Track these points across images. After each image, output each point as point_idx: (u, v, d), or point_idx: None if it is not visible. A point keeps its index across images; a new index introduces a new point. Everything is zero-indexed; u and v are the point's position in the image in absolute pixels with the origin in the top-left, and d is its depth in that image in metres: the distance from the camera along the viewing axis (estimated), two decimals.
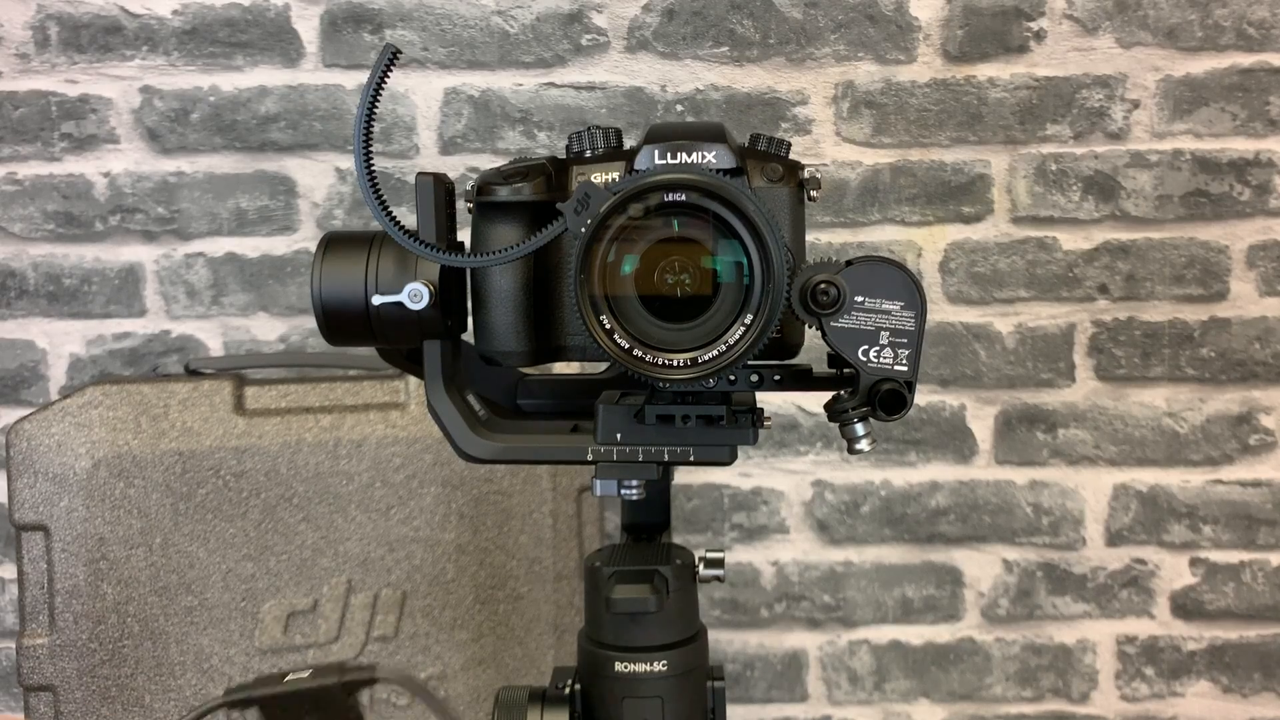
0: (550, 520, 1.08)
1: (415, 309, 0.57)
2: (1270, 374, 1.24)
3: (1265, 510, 1.26)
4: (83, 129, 1.24)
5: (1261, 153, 1.21)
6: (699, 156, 0.54)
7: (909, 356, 0.54)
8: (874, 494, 1.28)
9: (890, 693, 1.31)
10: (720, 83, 1.22)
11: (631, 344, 0.52)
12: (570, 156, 0.59)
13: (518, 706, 0.63)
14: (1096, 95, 1.21)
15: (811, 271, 0.53)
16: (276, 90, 1.23)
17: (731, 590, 1.29)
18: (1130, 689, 1.30)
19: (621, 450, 0.58)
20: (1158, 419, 1.26)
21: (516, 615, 1.08)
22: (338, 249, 0.59)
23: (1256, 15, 1.19)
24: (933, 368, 1.25)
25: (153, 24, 1.22)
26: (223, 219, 1.25)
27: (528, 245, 0.53)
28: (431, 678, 1.07)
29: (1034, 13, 1.20)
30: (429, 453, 1.06)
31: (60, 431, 1.01)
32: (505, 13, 1.21)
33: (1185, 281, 1.23)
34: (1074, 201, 1.23)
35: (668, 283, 0.52)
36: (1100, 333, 1.25)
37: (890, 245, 1.24)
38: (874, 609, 1.30)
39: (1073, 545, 1.28)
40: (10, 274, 1.25)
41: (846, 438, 0.56)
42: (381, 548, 1.06)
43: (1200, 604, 1.28)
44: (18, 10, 1.22)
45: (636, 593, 0.61)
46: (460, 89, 1.23)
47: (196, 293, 1.26)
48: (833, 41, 1.21)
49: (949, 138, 1.22)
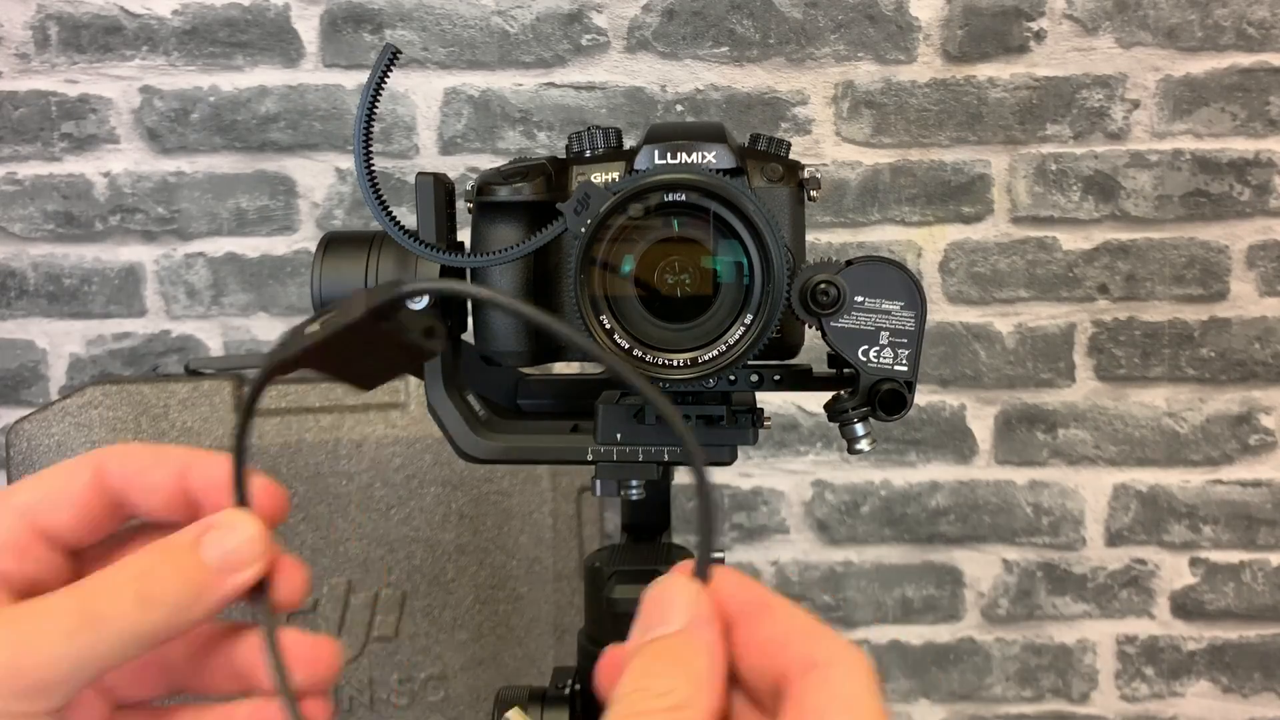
0: (550, 520, 1.08)
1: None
2: (1270, 374, 1.24)
3: (1265, 510, 1.26)
4: (83, 129, 1.23)
5: (1261, 153, 1.21)
6: (699, 156, 0.54)
7: (909, 356, 0.54)
8: (874, 494, 1.28)
9: (890, 693, 1.31)
10: (720, 83, 1.22)
11: (631, 344, 0.52)
12: (570, 156, 0.59)
13: (518, 706, 0.63)
14: (1096, 95, 1.21)
15: (811, 271, 0.53)
16: (276, 90, 1.23)
17: None
18: (1130, 689, 1.30)
19: (621, 450, 0.58)
20: (1158, 419, 1.26)
21: (516, 615, 1.08)
22: (338, 249, 0.59)
23: (1256, 15, 1.19)
24: (933, 368, 1.25)
25: (153, 24, 1.22)
26: (223, 219, 1.25)
27: (528, 245, 0.53)
28: (431, 678, 1.07)
29: (1034, 13, 1.20)
30: (429, 453, 1.06)
31: (60, 431, 1.01)
32: (505, 13, 1.21)
33: (1185, 281, 1.23)
34: (1074, 201, 1.23)
35: (668, 283, 0.52)
36: (1100, 333, 1.25)
37: (890, 245, 1.24)
38: (874, 609, 1.30)
39: (1073, 545, 1.28)
40: (10, 274, 1.25)
41: (846, 438, 0.56)
42: (381, 548, 1.06)
43: (1200, 604, 1.28)
44: (18, 10, 1.22)
45: (637, 593, 0.60)
46: (460, 89, 1.23)
47: (196, 293, 1.26)
48: (833, 41, 1.21)
49: (949, 138, 1.22)
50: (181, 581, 0.40)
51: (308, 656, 0.43)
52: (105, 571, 0.40)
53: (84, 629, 0.38)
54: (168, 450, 0.44)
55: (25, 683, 0.37)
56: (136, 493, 0.43)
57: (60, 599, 0.39)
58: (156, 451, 0.44)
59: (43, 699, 0.38)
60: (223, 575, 0.41)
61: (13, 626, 0.38)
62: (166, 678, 0.45)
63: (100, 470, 0.43)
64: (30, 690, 0.37)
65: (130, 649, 0.39)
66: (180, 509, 0.44)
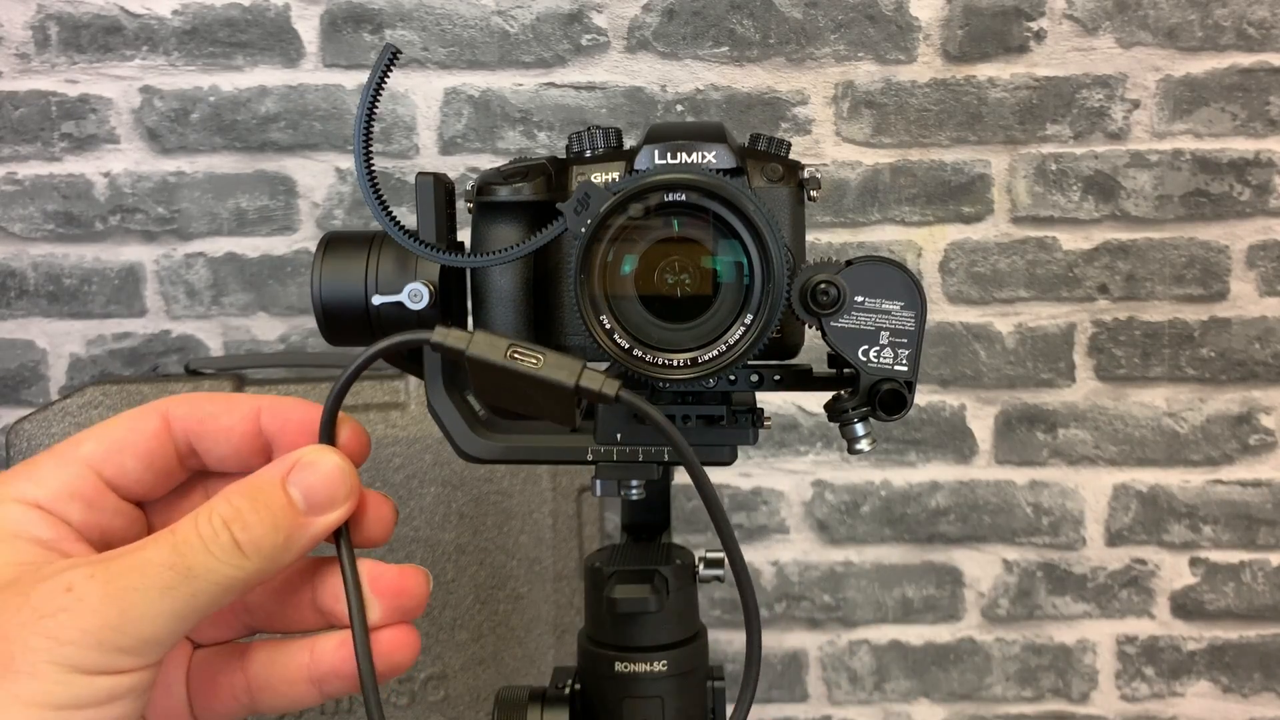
0: (550, 520, 1.08)
1: (415, 309, 0.57)
2: (1270, 374, 1.24)
3: (1265, 510, 1.26)
4: (83, 129, 1.23)
5: (1261, 153, 1.21)
6: (699, 156, 0.54)
7: (909, 356, 0.54)
8: (874, 494, 1.28)
9: (890, 693, 1.31)
10: (720, 83, 1.22)
11: (631, 344, 0.52)
12: (570, 156, 0.59)
13: (518, 706, 0.63)
14: (1096, 95, 1.21)
15: (811, 271, 0.53)
16: (276, 90, 1.23)
17: (731, 590, 1.29)
18: (1130, 689, 1.30)
19: (621, 450, 0.58)
20: (1158, 419, 1.26)
21: (516, 615, 1.08)
22: (338, 249, 0.59)
23: (1256, 15, 1.19)
24: (933, 368, 1.25)
25: (153, 24, 1.22)
26: (223, 219, 1.25)
27: (528, 245, 0.53)
28: (431, 678, 1.07)
29: (1034, 13, 1.20)
30: (429, 453, 1.06)
31: (60, 431, 1.01)
32: (505, 13, 1.21)
33: (1185, 281, 1.23)
34: (1074, 201, 1.23)
35: (668, 283, 0.52)
36: (1100, 333, 1.25)
37: (890, 245, 1.24)
38: (874, 609, 1.30)
39: (1073, 545, 1.28)
40: (10, 274, 1.25)
41: (846, 438, 0.56)
42: (381, 548, 1.05)
43: (1200, 604, 1.28)
44: (18, 10, 1.22)
45: (636, 593, 0.60)
46: (460, 89, 1.23)
47: (196, 293, 1.26)
48: (833, 41, 1.21)
49: (949, 138, 1.22)
50: (272, 526, 0.39)
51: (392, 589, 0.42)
52: (194, 519, 0.39)
53: (181, 583, 0.37)
54: (236, 396, 0.43)
55: (127, 640, 0.36)
56: (207, 439, 0.42)
57: (154, 552, 0.38)
58: (225, 397, 0.43)
59: (141, 655, 0.37)
60: (311, 516, 0.40)
61: (111, 583, 0.37)
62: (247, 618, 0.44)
63: (166, 417, 0.42)
64: (131, 647, 0.37)
65: (224, 598, 0.38)
66: (253, 454, 0.43)
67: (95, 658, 0.36)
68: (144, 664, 0.37)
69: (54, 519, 0.40)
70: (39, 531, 0.39)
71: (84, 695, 0.36)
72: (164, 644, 0.38)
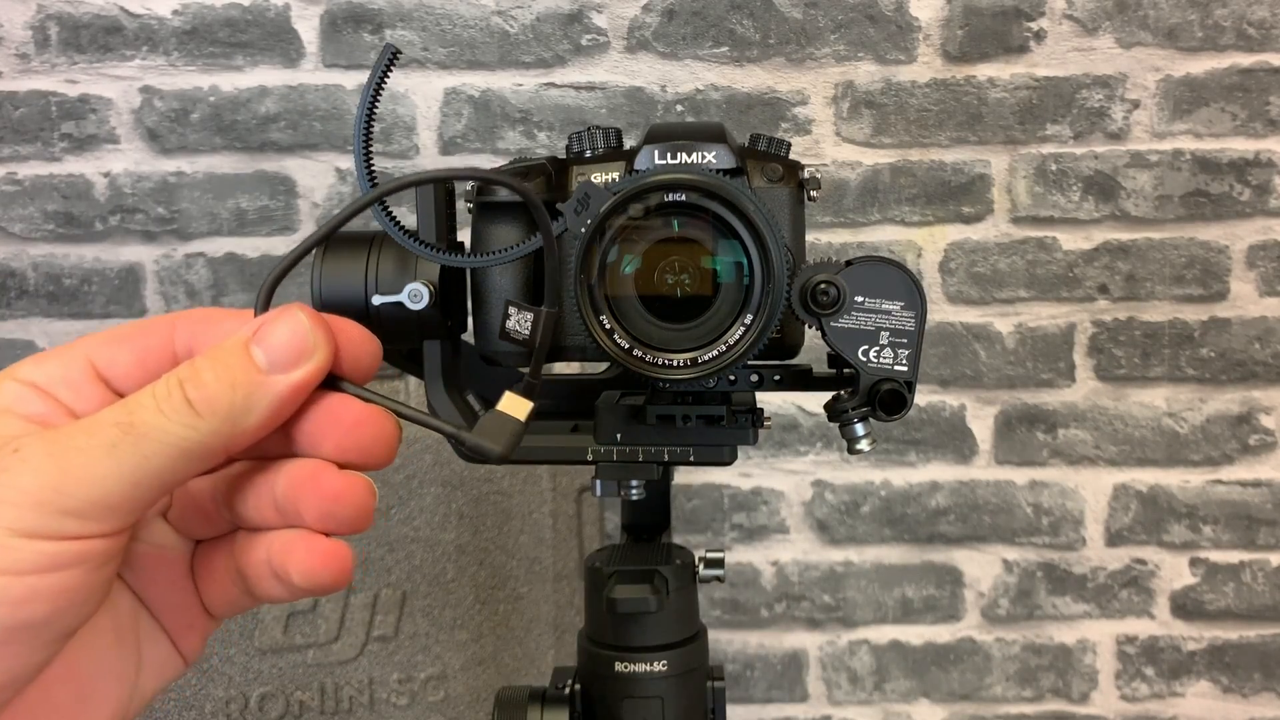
0: (550, 520, 1.08)
1: (415, 309, 0.57)
2: (1270, 374, 1.24)
3: (1265, 510, 1.26)
4: (83, 129, 1.23)
5: (1261, 153, 1.21)
6: (699, 156, 0.54)
7: (909, 356, 0.54)
8: (874, 494, 1.28)
9: (890, 693, 1.31)
10: (720, 83, 1.22)
11: (631, 344, 0.52)
12: (570, 156, 0.59)
13: (518, 706, 0.63)
14: (1096, 95, 1.21)
15: (811, 271, 0.53)
16: (276, 90, 1.23)
17: (731, 590, 1.29)
18: (1130, 689, 1.30)
19: (621, 450, 0.58)
20: (1158, 419, 1.26)
21: (516, 615, 1.08)
22: (337, 249, 0.59)
23: (1256, 15, 1.19)
24: (933, 368, 1.25)
25: (153, 24, 1.22)
26: (223, 219, 1.25)
27: (528, 245, 0.53)
28: (431, 678, 1.07)
29: (1034, 13, 1.20)
30: (429, 453, 1.06)
31: None
32: (505, 13, 1.21)
33: (1185, 281, 1.23)
34: (1074, 201, 1.23)
35: (668, 283, 0.52)
36: (1100, 333, 1.25)
37: (890, 245, 1.24)
38: (874, 609, 1.30)
39: (1073, 545, 1.28)
40: (10, 274, 1.25)
41: (846, 438, 0.56)
42: (381, 548, 1.06)
43: (1200, 604, 1.28)
44: (18, 10, 1.22)
45: (636, 593, 0.61)
46: (460, 89, 1.23)
47: (196, 293, 1.26)
48: (833, 41, 1.21)
49: (949, 138, 1.22)
50: (230, 384, 0.37)
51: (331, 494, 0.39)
52: (153, 384, 0.37)
53: (128, 442, 0.35)
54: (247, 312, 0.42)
55: (71, 502, 0.35)
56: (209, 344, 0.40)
57: (102, 414, 0.36)
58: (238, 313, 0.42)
59: (93, 521, 0.35)
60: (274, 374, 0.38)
61: (56, 442, 0.35)
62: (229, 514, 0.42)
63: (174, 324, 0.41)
64: (76, 509, 0.35)
65: (182, 463, 0.36)
66: None
67: (34, 519, 0.34)
68: (95, 531, 0.35)
69: (48, 398, 0.39)
70: (29, 408, 0.38)
71: (24, 560, 0.34)
72: (117, 510, 0.35)
